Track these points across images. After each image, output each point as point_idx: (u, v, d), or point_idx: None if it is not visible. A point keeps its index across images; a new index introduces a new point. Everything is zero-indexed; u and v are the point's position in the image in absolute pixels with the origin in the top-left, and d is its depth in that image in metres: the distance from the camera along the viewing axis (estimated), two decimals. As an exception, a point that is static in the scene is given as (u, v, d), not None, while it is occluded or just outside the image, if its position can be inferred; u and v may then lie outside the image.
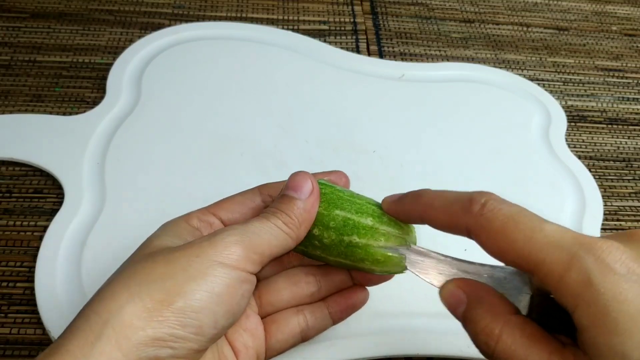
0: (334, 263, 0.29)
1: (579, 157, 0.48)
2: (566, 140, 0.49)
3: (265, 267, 0.31)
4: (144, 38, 0.51)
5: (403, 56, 0.55)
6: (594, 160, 0.49)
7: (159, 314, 0.22)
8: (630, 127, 0.52)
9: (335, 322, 0.31)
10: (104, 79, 0.48)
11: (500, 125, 0.49)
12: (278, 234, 0.26)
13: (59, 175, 0.41)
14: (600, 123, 0.52)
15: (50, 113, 0.46)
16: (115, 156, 0.42)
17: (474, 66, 0.54)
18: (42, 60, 0.50)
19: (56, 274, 0.35)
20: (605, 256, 0.20)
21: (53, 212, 0.39)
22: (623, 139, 0.51)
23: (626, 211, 0.46)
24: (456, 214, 0.24)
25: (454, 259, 0.26)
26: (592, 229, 0.42)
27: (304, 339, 0.30)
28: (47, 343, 0.34)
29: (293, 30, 0.55)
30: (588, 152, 0.50)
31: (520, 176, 0.45)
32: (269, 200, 0.30)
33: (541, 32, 0.60)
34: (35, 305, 0.35)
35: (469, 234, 0.24)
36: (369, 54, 0.55)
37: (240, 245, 0.24)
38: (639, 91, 0.55)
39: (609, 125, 0.52)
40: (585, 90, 0.55)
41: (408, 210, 0.27)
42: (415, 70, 0.52)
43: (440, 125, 0.48)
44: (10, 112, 0.45)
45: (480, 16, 0.61)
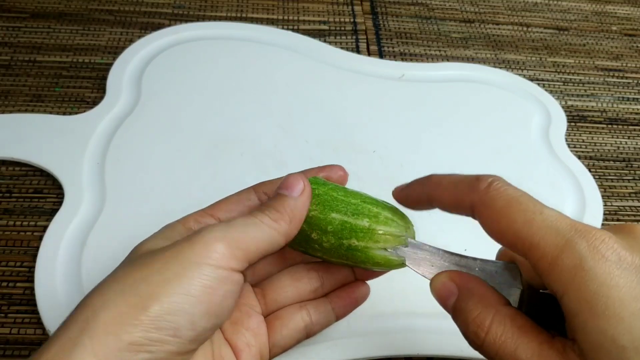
0: (336, 263, 0.29)
1: (579, 157, 0.48)
2: (566, 140, 0.49)
3: (268, 266, 0.31)
4: (144, 38, 0.51)
5: (403, 56, 0.55)
6: (594, 160, 0.49)
7: (133, 318, 0.22)
8: (630, 127, 0.52)
9: (339, 318, 0.31)
10: (104, 79, 0.48)
11: (500, 125, 0.49)
12: (264, 229, 0.25)
13: (59, 175, 0.41)
14: (600, 123, 0.52)
15: (50, 113, 0.46)
16: (115, 156, 0.42)
17: (474, 66, 0.54)
18: (42, 60, 0.50)
19: (56, 274, 0.35)
20: (598, 243, 0.21)
21: (53, 212, 0.39)
22: (623, 139, 0.51)
23: (626, 211, 0.46)
24: (462, 192, 0.24)
25: (446, 252, 0.27)
26: (592, 229, 0.42)
27: (309, 334, 0.30)
28: (47, 343, 0.34)
29: (293, 30, 0.55)
30: (588, 152, 0.50)
31: (520, 176, 0.45)
32: (264, 198, 0.30)
33: (541, 32, 0.60)
34: (35, 305, 0.35)
35: (473, 213, 0.24)
36: (369, 54, 0.55)
37: (221, 242, 0.24)
38: (639, 91, 0.55)
39: (609, 125, 0.52)
40: (585, 90, 0.55)
41: (417, 192, 0.27)
42: (415, 70, 0.52)
43: (440, 125, 0.48)
44: (10, 112, 0.45)
45: (480, 16, 0.61)
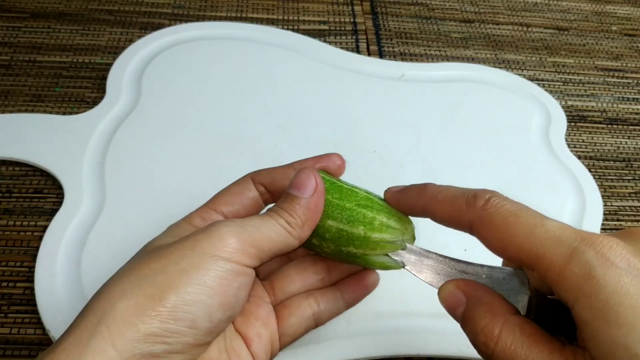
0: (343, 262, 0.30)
1: (579, 157, 0.48)
2: (566, 140, 0.49)
3: (276, 260, 0.31)
4: (144, 38, 0.51)
5: (403, 56, 0.55)
6: (594, 160, 0.49)
7: (150, 309, 0.22)
8: (630, 127, 0.52)
9: (350, 306, 0.31)
10: (104, 79, 0.48)
11: (500, 125, 0.49)
12: (279, 230, 0.26)
13: (59, 175, 0.41)
14: (600, 123, 0.52)
15: (50, 113, 0.46)
16: (115, 156, 0.42)
17: (474, 66, 0.54)
18: (42, 60, 0.50)
19: (56, 274, 0.35)
20: (606, 250, 0.20)
21: (53, 212, 0.39)
22: (623, 139, 0.51)
23: (626, 211, 0.46)
24: (459, 208, 0.24)
25: (452, 259, 0.26)
26: (592, 229, 0.42)
27: (318, 322, 0.30)
28: (47, 343, 0.34)
29: (293, 30, 0.55)
30: (588, 152, 0.50)
31: (520, 176, 0.45)
32: (262, 190, 0.30)
33: (541, 32, 0.60)
34: (35, 305, 0.35)
35: (471, 229, 0.24)
36: (369, 54, 0.55)
37: (236, 238, 0.24)
38: (639, 91, 0.55)
39: (609, 125, 0.52)
40: (585, 90, 0.55)
41: (412, 202, 0.27)
42: (415, 70, 0.52)
43: (440, 125, 0.48)
44: (10, 112, 0.45)
45: (480, 16, 0.61)
